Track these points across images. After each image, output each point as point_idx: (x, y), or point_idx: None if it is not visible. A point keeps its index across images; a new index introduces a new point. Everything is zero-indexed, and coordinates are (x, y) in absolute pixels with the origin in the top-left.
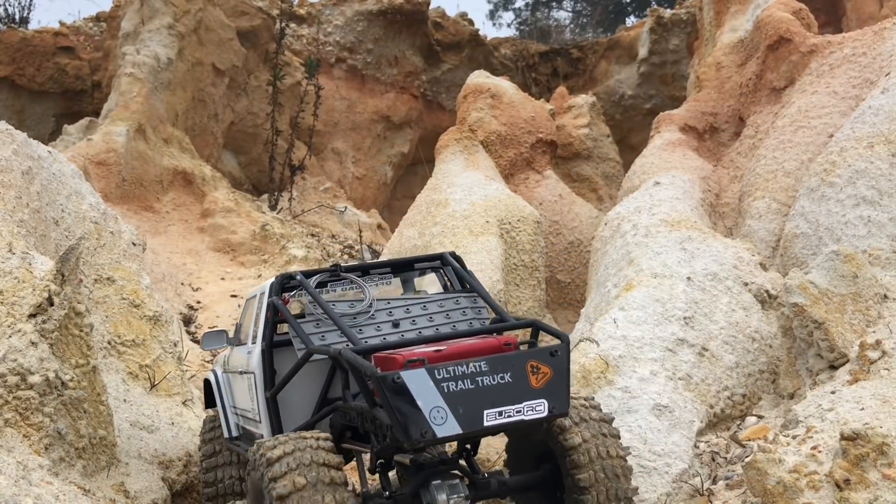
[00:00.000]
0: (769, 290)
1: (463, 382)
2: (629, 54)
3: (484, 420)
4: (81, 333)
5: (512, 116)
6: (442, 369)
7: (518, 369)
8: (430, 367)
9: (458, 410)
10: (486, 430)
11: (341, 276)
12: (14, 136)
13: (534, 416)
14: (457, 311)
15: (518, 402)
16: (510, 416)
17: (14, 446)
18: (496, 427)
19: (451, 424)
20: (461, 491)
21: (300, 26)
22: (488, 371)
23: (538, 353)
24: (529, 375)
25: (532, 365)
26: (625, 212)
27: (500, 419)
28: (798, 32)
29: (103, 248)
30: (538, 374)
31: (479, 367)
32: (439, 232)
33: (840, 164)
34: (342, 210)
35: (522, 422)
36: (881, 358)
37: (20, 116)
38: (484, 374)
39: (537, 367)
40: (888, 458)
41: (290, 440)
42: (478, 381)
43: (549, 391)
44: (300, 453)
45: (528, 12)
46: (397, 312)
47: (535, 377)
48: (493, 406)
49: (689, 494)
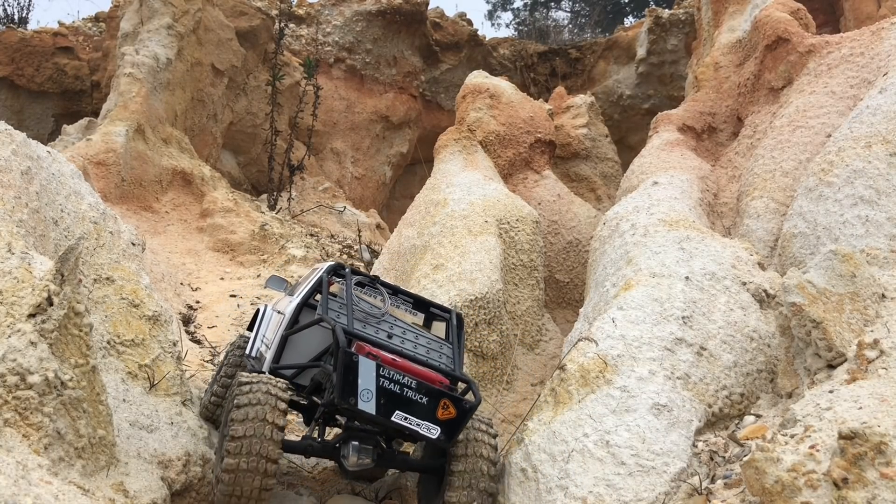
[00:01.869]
0: (767, 290)
1: (394, 385)
2: (627, 54)
3: (393, 416)
4: (81, 333)
5: (510, 116)
6: (386, 369)
7: (433, 399)
8: (379, 364)
9: (381, 400)
10: (391, 423)
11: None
12: (13, 136)
13: (426, 434)
14: (434, 349)
15: (422, 419)
16: (410, 425)
17: (13, 446)
18: (397, 425)
19: (370, 405)
20: (369, 455)
21: (299, 26)
22: (415, 389)
23: (453, 398)
24: (440, 408)
25: (444, 403)
26: (623, 211)
27: (403, 422)
28: (796, 32)
29: (103, 247)
30: (446, 410)
31: (410, 382)
32: (438, 231)
33: (838, 163)
34: (341, 210)
35: (416, 433)
36: (879, 357)
37: (19, 116)
38: (411, 389)
39: (447, 406)
40: (886, 457)
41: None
42: (404, 391)
43: (447, 426)
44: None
45: (527, 12)
46: (396, 329)
47: (443, 411)
48: (404, 411)
49: (688, 493)
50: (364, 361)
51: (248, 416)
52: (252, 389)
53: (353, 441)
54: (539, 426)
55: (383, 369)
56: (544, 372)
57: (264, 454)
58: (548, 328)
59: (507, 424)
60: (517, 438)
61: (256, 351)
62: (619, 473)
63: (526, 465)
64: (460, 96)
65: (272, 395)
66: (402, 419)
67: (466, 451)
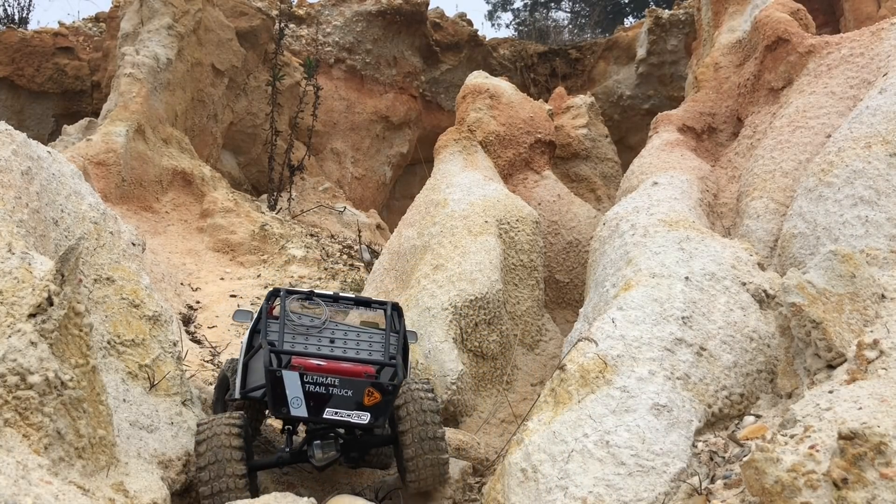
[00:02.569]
0: (767, 290)
1: (319, 387)
2: (627, 55)
3: (324, 414)
4: (81, 333)
5: (510, 117)
6: (310, 375)
7: (358, 390)
8: (303, 373)
9: (310, 403)
10: (325, 420)
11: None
12: (13, 137)
13: (358, 422)
14: (374, 342)
15: (351, 410)
16: (341, 417)
17: (13, 446)
18: (330, 421)
19: (302, 409)
20: (332, 448)
21: (299, 27)
22: (339, 386)
23: (375, 384)
24: (365, 396)
25: (368, 390)
26: (623, 212)
27: (335, 417)
28: (796, 33)
29: (103, 248)
30: (371, 396)
31: (333, 381)
32: (438, 232)
33: (838, 164)
34: (341, 210)
35: (349, 423)
36: (879, 357)
37: (20, 117)
38: (335, 387)
39: (371, 392)
40: (886, 458)
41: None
42: (329, 389)
43: (374, 409)
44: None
45: (527, 13)
46: (338, 333)
47: (368, 398)
48: (333, 407)
49: (688, 494)
50: (288, 374)
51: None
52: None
53: (314, 441)
54: (539, 426)
55: (307, 376)
56: (544, 372)
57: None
58: (548, 328)
59: (507, 424)
60: (517, 439)
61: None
62: (619, 473)
63: (526, 465)
64: (460, 96)
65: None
66: (332, 414)
67: (408, 410)
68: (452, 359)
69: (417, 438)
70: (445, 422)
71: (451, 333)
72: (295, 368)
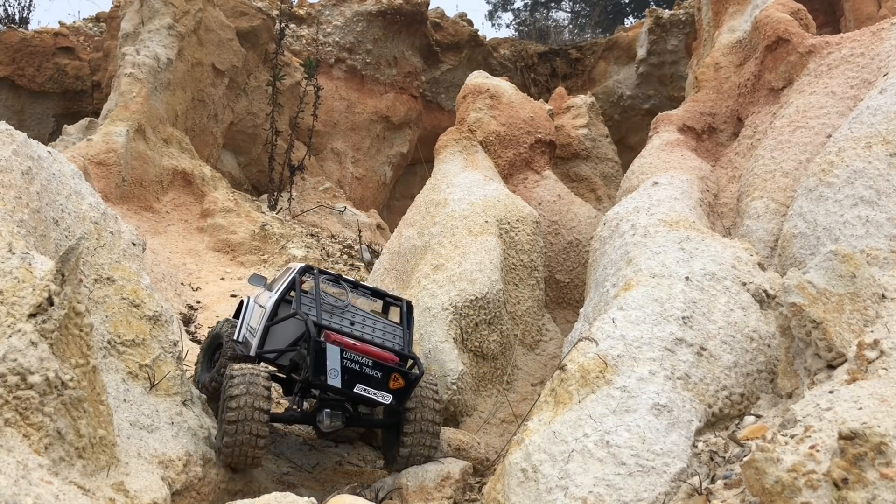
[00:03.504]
0: (767, 290)
1: (354, 364)
2: (628, 55)
3: (355, 388)
4: (81, 333)
5: (511, 117)
6: (348, 352)
7: (386, 374)
8: (342, 348)
9: (345, 377)
10: (353, 394)
11: (339, 282)
12: (14, 137)
13: (381, 401)
14: (388, 332)
15: (377, 389)
16: (368, 394)
17: (14, 446)
18: (358, 395)
19: (337, 380)
20: (339, 419)
21: (300, 27)
22: (371, 367)
23: (401, 371)
24: (391, 380)
25: (395, 376)
26: (623, 212)
27: (363, 392)
28: (796, 33)
29: (103, 247)
30: (396, 381)
31: (367, 361)
32: (438, 232)
33: (838, 164)
34: (341, 210)
35: (373, 401)
36: (879, 357)
37: (20, 117)
38: (367, 367)
39: (397, 378)
40: (886, 458)
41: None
42: (362, 368)
43: (397, 393)
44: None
45: (527, 13)
46: (357, 317)
47: (393, 382)
48: (363, 384)
49: (688, 493)
50: (331, 347)
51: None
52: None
53: (325, 409)
54: (539, 426)
55: (346, 352)
56: (544, 372)
57: (255, 432)
58: (548, 328)
59: (507, 424)
60: (517, 439)
61: (242, 336)
62: (620, 473)
63: (526, 465)
64: (460, 96)
65: (257, 384)
66: (362, 390)
67: (416, 407)
68: (453, 359)
69: (418, 431)
70: (446, 422)
71: (451, 333)
72: (336, 343)
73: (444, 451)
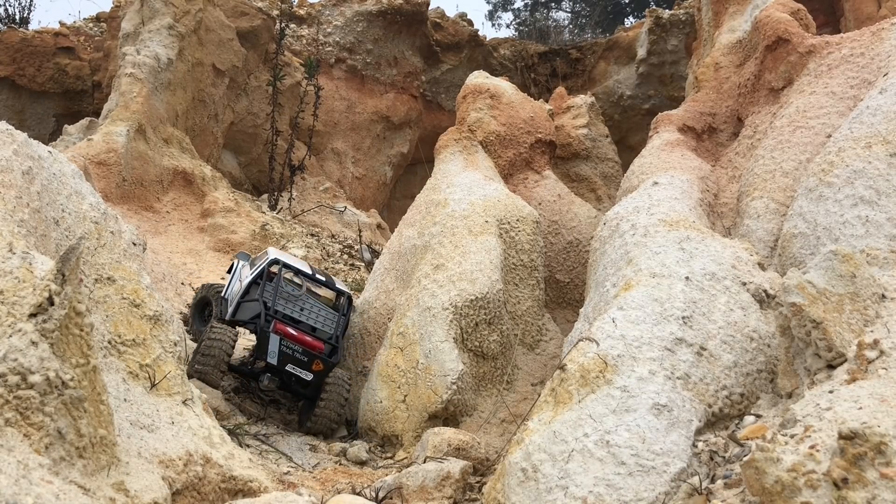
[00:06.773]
0: (767, 290)
1: (289, 350)
2: (628, 55)
3: (286, 367)
4: (82, 333)
5: (511, 117)
6: (286, 341)
7: (311, 358)
8: (283, 337)
9: (280, 357)
10: (285, 370)
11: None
12: (14, 137)
13: (304, 378)
14: (329, 318)
15: (302, 369)
16: (295, 371)
17: (14, 446)
18: (288, 371)
19: (274, 360)
20: (275, 383)
21: (300, 27)
22: (300, 352)
23: (321, 358)
24: (314, 363)
25: (316, 361)
26: (623, 212)
27: (292, 370)
28: (796, 33)
29: (104, 247)
30: (317, 365)
31: (298, 348)
32: (438, 232)
33: (838, 164)
34: (342, 210)
35: (298, 377)
36: (879, 357)
37: (20, 116)
38: (298, 352)
39: (318, 363)
40: (886, 458)
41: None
42: (294, 353)
43: (317, 374)
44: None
45: (527, 13)
46: (307, 305)
47: (316, 366)
48: (294, 366)
49: (688, 493)
50: (273, 336)
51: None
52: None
53: (267, 373)
54: (539, 426)
55: (283, 341)
56: (544, 372)
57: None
58: (548, 328)
59: (507, 424)
60: (517, 438)
61: (228, 295)
62: (620, 473)
63: (526, 464)
64: (461, 96)
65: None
66: (292, 368)
67: (330, 386)
68: (453, 358)
69: (332, 402)
70: (446, 422)
71: (451, 333)
72: (278, 333)
73: (444, 450)
